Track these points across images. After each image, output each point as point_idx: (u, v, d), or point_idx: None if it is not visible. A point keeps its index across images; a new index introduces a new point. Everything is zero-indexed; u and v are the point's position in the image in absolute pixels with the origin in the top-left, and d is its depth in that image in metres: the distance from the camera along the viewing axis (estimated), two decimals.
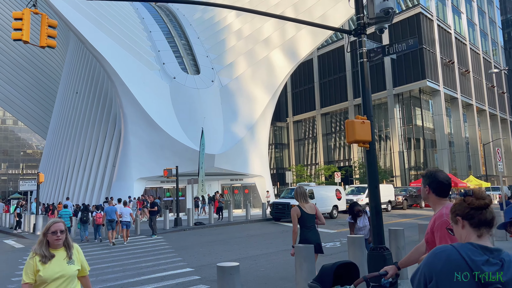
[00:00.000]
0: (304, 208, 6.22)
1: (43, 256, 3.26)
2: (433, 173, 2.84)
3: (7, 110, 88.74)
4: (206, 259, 11.31)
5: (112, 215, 15.83)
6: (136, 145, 29.61)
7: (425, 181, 2.87)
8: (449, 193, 3.13)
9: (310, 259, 5.38)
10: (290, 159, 68.76)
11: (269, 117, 34.84)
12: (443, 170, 2.91)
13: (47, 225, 3.40)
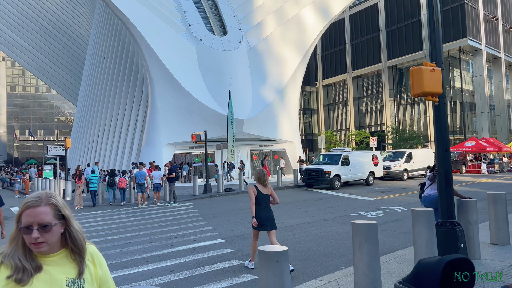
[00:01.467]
0: (260, 188, 6.83)
1: (17, 270, 1.60)
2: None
3: (39, 78, 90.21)
4: (238, 229, 10.52)
5: (141, 179, 16.15)
6: (164, 110, 28.95)
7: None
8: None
9: (373, 239, 4.37)
10: (319, 124, 67.23)
11: (299, 79, 33.30)
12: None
13: (20, 209, 1.69)
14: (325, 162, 21.51)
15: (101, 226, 11.94)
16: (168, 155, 28.79)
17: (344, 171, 20.83)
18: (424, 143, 45.40)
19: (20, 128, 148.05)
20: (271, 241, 6.89)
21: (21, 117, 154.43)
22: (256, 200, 6.82)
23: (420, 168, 25.67)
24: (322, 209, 13.86)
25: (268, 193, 6.92)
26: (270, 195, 6.97)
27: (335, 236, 9.19)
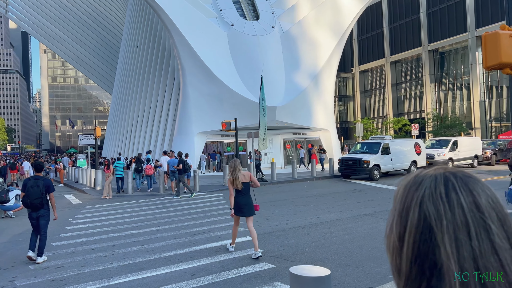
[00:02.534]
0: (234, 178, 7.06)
1: None
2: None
3: (78, 69, 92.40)
4: (269, 224, 9.64)
5: (172, 167, 16.54)
6: (195, 98, 28.38)
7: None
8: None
9: None
10: (355, 112, 65.25)
11: (335, 65, 31.82)
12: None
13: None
14: (364, 151, 20.22)
15: (126, 219, 11.38)
16: (200, 144, 28.30)
17: (384, 161, 19.49)
18: (468, 131, 42.83)
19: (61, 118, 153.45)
20: (248, 225, 7.16)
21: (62, 108, 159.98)
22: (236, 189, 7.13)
23: (467, 157, 23.86)
24: (361, 202, 12.75)
25: (247, 180, 7.17)
26: (250, 180, 7.23)
27: (378, 235, 8.14)
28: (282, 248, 7.37)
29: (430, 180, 0.73)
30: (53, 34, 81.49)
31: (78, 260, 7.13)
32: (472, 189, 0.70)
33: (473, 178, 0.72)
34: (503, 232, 0.69)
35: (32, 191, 7.07)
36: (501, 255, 0.70)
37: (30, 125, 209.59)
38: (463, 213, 0.68)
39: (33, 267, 6.83)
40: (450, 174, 0.73)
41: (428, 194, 0.71)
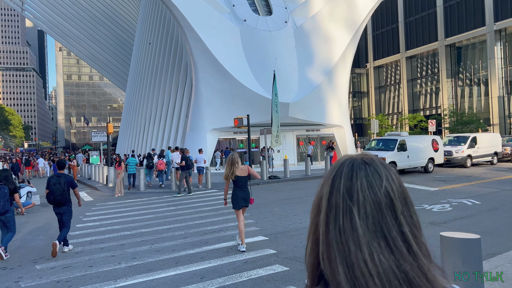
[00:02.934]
0: (237, 172, 7.26)
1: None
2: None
3: (92, 67, 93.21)
4: (282, 224, 9.33)
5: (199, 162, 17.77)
6: (208, 95, 28.17)
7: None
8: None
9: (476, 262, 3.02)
10: (370, 108, 64.37)
11: (349, 60, 31.26)
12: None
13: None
14: (379, 148, 19.74)
15: (137, 217, 11.20)
16: (212, 140, 28.10)
17: (401, 158, 18.99)
18: (485, 127, 41.80)
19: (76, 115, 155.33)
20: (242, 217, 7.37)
21: (76, 105, 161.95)
22: (234, 182, 7.34)
23: (486, 154, 23.16)
24: None
25: (245, 174, 7.38)
26: (249, 174, 7.46)
27: None
28: (295, 249, 7.06)
29: (349, 162, 0.84)
30: (68, 32, 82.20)
31: (86, 260, 6.94)
32: (389, 175, 0.82)
33: (384, 163, 0.86)
34: (409, 209, 0.79)
35: (55, 188, 7.43)
36: (404, 229, 0.76)
37: (46, 122, 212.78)
38: (378, 192, 0.78)
39: (39, 266, 6.66)
40: (366, 158, 0.86)
41: (348, 173, 0.81)
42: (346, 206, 0.76)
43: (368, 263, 0.72)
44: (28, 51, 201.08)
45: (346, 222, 0.75)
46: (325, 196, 0.80)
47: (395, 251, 0.73)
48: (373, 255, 0.72)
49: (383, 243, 0.74)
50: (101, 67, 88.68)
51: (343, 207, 0.77)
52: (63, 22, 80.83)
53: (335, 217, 0.77)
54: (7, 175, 7.90)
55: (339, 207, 0.77)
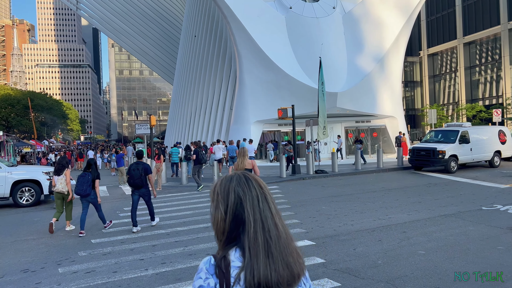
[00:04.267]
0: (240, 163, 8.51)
1: None
2: None
3: (142, 62, 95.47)
4: (331, 225, 8.27)
5: (232, 153, 18.18)
6: (252, 86, 27.35)
7: None
8: None
9: None
10: (423, 98, 61.06)
11: (403, 46, 29.19)
12: None
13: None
14: (438, 140, 18.00)
15: (175, 213, 10.57)
16: (256, 133, 27.28)
17: (463, 151, 17.18)
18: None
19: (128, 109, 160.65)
20: None
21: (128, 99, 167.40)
22: None
23: None
24: (439, 199, 10.95)
25: (250, 167, 8.46)
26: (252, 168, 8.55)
27: (471, 244, 6.50)
28: (348, 258, 6.02)
29: (236, 175, 1.43)
30: (119, 29, 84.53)
31: (112, 263, 6.29)
32: (257, 180, 1.43)
33: (255, 176, 1.46)
34: (273, 201, 1.42)
35: (134, 173, 8.83)
36: (272, 210, 1.39)
37: (101, 116, 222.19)
38: (255, 191, 1.39)
39: (62, 270, 6.08)
40: (244, 173, 1.45)
41: (237, 183, 1.40)
42: (262, 195, 1.40)
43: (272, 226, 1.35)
44: (83, 49, 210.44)
45: (265, 204, 1.39)
46: (242, 194, 1.39)
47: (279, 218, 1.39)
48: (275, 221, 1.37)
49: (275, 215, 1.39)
50: (150, 62, 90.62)
51: (261, 197, 1.39)
52: (114, 19, 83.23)
53: (252, 206, 1.37)
54: (92, 164, 9.11)
55: (258, 197, 1.39)
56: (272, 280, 1.28)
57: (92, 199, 8.82)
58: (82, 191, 8.60)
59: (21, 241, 8.09)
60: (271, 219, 1.36)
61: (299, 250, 1.38)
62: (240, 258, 1.32)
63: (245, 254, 1.31)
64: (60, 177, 9.21)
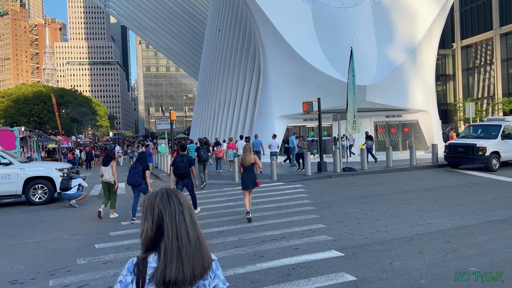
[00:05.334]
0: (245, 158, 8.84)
1: None
2: None
3: (169, 58, 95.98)
4: (362, 232, 7.28)
5: (258, 147, 18.45)
6: (276, 80, 26.40)
7: None
8: None
9: None
10: (456, 92, 58.51)
11: (436, 37, 27.52)
12: None
13: None
14: (477, 136, 16.59)
15: None
16: (280, 128, 26.31)
17: (506, 147, 15.72)
18: None
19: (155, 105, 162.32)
20: (249, 196, 8.84)
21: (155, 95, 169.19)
22: (244, 168, 8.84)
23: None
24: (484, 201, 9.75)
25: (252, 162, 8.81)
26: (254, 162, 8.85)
27: None
28: (383, 275, 5.05)
29: (160, 192, 1.68)
30: (146, 26, 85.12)
31: (111, 275, 5.54)
32: (178, 196, 1.67)
33: (177, 191, 1.70)
34: (190, 213, 1.66)
35: (179, 165, 9.50)
36: (187, 222, 1.63)
37: (129, 112, 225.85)
38: (174, 206, 1.64)
39: (52, 283, 5.36)
40: (167, 189, 1.69)
41: (160, 199, 1.65)
42: (179, 210, 1.65)
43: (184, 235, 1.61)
44: (112, 46, 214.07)
45: (180, 217, 1.64)
46: (163, 209, 1.65)
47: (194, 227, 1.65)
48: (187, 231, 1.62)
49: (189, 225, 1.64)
50: (177, 58, 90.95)
51: (178, 211, 1.65)
52: (141, 16, 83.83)
53: (170, 219, 1.63)
54: (142, 157, 9.79)
55: (177, 211, 1.65)
56: (178, 279, 1.56)
57: (142, 188, 9.53)
58: (134, 181, 9.35)
59: (21, 245, 7.49)
60: (184, 230, 1.62)
61: (209, 250, 1.68)
62: (157, 260, 1.61)
63: (160, 257, 1.60)
64: (107, 168, 9.93)
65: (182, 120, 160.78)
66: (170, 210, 1.62)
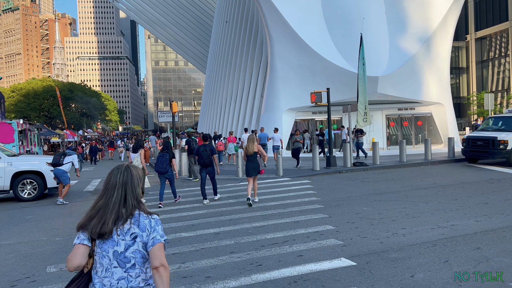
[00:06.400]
0: (248, 147, 9.58)
1: None
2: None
3: (177, 52, 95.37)
4: (376, 234, 6.38)
5: (264, 140, 18.34)
6: (284, 71, 25.44)
7: None
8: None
9: None
10: (470, 85, 57.05)
11: (451, 26, 26.26)
12: None
13: None
14: (498, 128, 15.51)
15: (186, 212, 9.00)
16: (288, 122, 25.39)
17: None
18: None
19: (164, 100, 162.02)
20: (254, 183, 9.71)
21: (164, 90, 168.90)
22: (248, 156, 9.64)
23: None
24: (511, 199, 8.77)
25: (256, 151, 9.61)
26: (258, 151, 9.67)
27: None
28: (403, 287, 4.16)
29: (118, 167, 2.26)
30: (154, 19, 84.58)
31: None
32: (130, 169, 2.25)
33: (132, 166, 2.29)
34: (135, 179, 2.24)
35: (203, 154, 9.99)
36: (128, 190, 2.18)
37: (139, 107, 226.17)
38: (124, 176, 2.22)
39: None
40: (126, 165, 2.29)
41: (116, 171, 2.24)
42: (130, 179, 2.21)
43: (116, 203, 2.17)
44: (122, 41, 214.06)
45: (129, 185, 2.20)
46: (106, 183, 2.23)
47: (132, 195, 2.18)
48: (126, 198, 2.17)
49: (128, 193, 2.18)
50: (185, 52, 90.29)
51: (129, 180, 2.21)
52: (149, 10, 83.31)
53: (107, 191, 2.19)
54: (168, 145, 10.33)
55: (127, 181, 2.21)
56: (106, 230, 2.07)
57: (169, 175, 10.15)
58: (162, 168, 9.95)
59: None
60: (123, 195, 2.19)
61: (143, 205, 2.22)
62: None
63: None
64: (136, 155, 10.76)
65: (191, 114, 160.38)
66: (115, 179, 2.21)
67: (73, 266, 2.03)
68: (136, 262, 2.06)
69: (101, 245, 2.06)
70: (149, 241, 2.05)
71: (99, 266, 2.07)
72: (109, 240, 2.05)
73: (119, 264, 2.05)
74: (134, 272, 2.06)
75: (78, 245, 2.06)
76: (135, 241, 2.05)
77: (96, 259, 2.07)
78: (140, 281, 2.08)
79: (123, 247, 2.05)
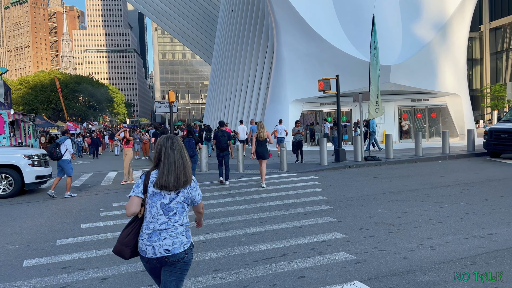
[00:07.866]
0: (260, 133, 10.71)
1: None
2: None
3: (184, 44, 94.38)
4: (397, 246, 5.16)
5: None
6: (291, 60, 24.17)
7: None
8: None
9: None
10: (484, 77, 55.29)
11: (469, 12, 24.70)
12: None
13: None
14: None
15: None
16: (295, 113, 24.13)
17: None
18: None
19: None
20: (262, 166, 10.64)
21: (171, 82, 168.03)
22: (257, 141, 10.73)
23: None
24: None
25: (265, 137, 10.75)
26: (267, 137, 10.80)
27: None
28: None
29: (164, 136, 2.82)
30: (161, 11, 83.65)
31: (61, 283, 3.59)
32: (173, 139, 2.79)
33: (175, 137, 2.85)
34: (179, 149, 2.76)
35: (221, 139, 11.15)
36: (176, 155, 2.73)
37: (146, 99, 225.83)
38: (170, 143, 2.78)
39: None
40: (170, 135, 2.82)
41: (162, 140, 2.79)
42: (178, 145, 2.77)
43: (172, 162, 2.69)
44: (129, 33, 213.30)
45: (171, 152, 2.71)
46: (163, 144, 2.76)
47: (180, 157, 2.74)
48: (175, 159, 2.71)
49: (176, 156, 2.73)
50: (191, 44, 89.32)
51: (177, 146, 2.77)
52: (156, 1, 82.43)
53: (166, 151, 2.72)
54: (191, 131, 11.37)
55: (168, 149, 2.73)
56: (169, 184, 2.62)
57: (195, 159, 11.25)
58: (190, 152, 10.52)
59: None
60: (173, 158, 2.67)
61: (189, 172, 2.73)
62: (157, 174, 2.67)
63: (158, 172, 2.66)
64: None
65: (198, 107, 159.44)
66: (166, 147, 2.72)
67: (130, 212, 2.65)
68: (178, 212, 2.67)
69: (151, 198, 2.65)
70: (193, 198, 2.76)
71: (148, 214, 2.66)
72: (157, 194, 2.65)
73: (164, 212, 2.65)
74: (174, 219, 2.66)
75: (134, 197, 2.66)
76: (178, 195, 2.67)
77: (147, 207, 2.66)
78: (178, 225, 2.66)
79: (168, 199, 2.65)
